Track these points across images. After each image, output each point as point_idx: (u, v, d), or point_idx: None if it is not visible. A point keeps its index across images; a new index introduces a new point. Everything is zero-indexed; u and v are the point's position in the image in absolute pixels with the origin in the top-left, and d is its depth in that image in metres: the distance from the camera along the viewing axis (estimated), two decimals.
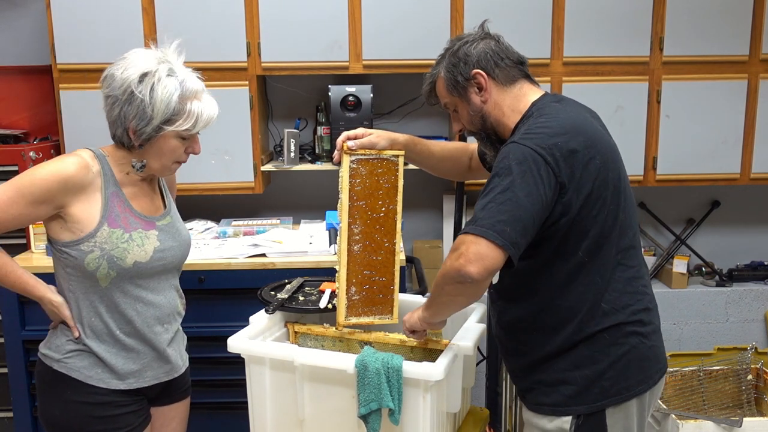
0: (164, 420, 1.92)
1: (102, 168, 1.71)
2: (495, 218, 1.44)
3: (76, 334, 1.72)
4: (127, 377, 1.77)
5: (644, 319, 1.61)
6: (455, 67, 1.69)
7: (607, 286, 1.58)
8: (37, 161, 2.97)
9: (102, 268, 1.68)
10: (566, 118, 1.58)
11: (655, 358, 1.64)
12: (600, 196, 1.55)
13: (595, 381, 1.57)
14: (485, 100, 1.68)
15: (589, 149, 1.53)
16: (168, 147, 1.72)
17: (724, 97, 3.12)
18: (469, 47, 1.69)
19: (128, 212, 1.73)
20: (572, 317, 1.58)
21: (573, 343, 1.58)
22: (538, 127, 1.55)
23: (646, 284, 1.66)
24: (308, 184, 3.47)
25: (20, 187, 1.62)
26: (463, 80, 1.68)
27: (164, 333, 1.82)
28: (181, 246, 1.85)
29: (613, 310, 1.57)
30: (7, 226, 1.64)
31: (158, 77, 1.66)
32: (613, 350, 1.57)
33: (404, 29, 3.00)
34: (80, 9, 2.92)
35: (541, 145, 1.50)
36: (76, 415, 1.73)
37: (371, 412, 1.67)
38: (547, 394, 1.61)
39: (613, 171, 1.59)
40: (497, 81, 1.68)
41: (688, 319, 3.42)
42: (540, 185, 1.47)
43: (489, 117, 1.69)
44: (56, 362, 1.73)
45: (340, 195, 1.85)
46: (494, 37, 1.72)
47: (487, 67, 1.67)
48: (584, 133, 1.55)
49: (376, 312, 1.95)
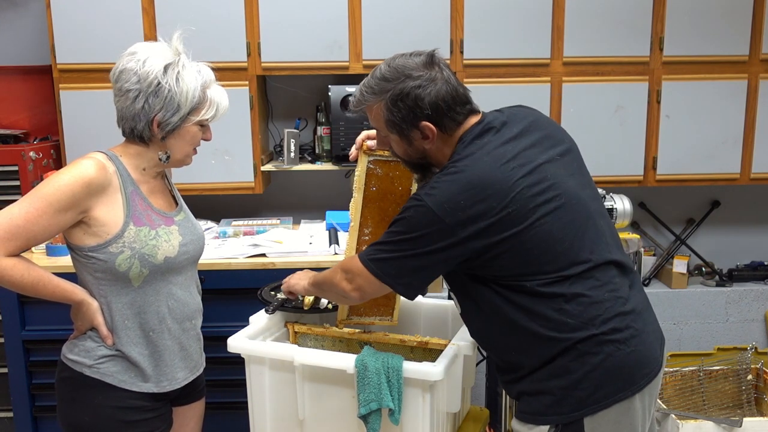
0: (183, 419, 1.92)
1: (117, 168, 1.70)
2: (390, 261, 1.57)
3: (110, 343, 1.71)
4: (160, 380, 1.76)
5: (618, 326, 1.55)
6: (399, 111, 1.58)
7: (567, 304, 1.53)
8: (37, 161, 2.97)
9: (134, 268, 1.67)
10: (479, 168, 1.51)
11: (638, 363, 1.57)
12: (525, 234, 1.51)
13: (571, 391, 1.54)
14: (429, 146, 1.62)
15: (500, 201, 1.49)
16: (190, 135, 1.74)
17: (724, 97, 3.12)
18: (420, 91, 1.56)
19: (149, 209, 1.73)
20: (541, 338, 1.55)
21: (550, 357, 1.56)
22: (444, 181, 1.52)
23: (614, 288, 1.57)
24: (308, 184, 3.47)
25: (46, 196, 1.59)
26: (407, 126, 1.60)
27: (192, 329, 1.83)
28: (199, 240, 1.86)
29: (582, 324, 1.53)
30: (38, 239, 1.61)
31: (182, 66, 1.68)
32: (587, 360, 1.53)
33: (404, 29, 3.00)
34: (80, 9, 2.92)
35: (443, 204, 1.49)
36: (107, 420, 1.72)
37: (371, 412, 1.67)
38: (528, 403, 1.61)
39: (547, 197, 1.53)
40: (444, 131, 1.60)
41: (688, 319, 3.42)
42: (439, 243, 1.51)
43: (429, 157, 1.65)
44: (88, 368, 1.71)
45: (354, 194, 1.84)
46: (444, 76, 1.58)
47: (437, 119, 1.58)
48: (493, 186, 1.49)
49: (377, 313, 1.96)
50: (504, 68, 3.03)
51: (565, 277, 1.53)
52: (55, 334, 2.61)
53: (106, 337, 1.71)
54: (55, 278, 1.67)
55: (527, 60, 3.03)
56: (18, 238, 1.58)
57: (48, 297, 1.67)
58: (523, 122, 1.63)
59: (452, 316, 2.10)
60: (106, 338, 1.71)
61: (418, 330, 2.12)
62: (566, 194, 1.56)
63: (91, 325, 1.71)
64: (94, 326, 1.71)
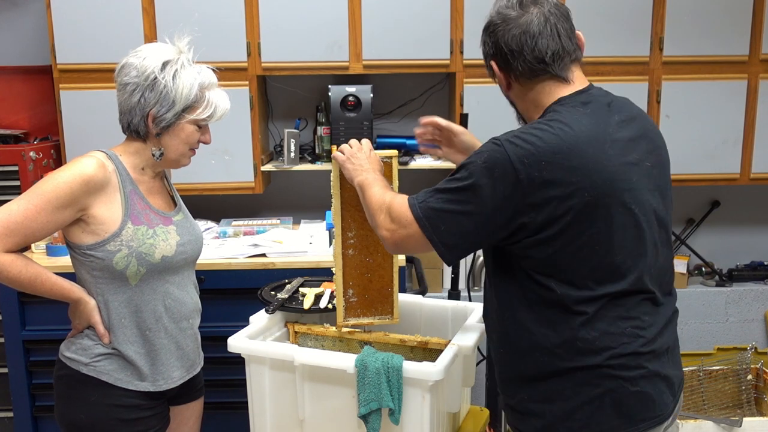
0: (182, 419, 1.93)
1: (116, 167, 1.71)
2: (445, 214, 1.42)
3: (106, 341, 1.72)
4: (156, 379, 1.77)
5: (629, 363, 1.42)
6: (482, 46, 1.56)
7: (584, 326, 1.41)
8: (37, 161, 2.97)
9: (132, 266, 1.68)
10: (575, 135, 1.38)
11: (641, 404, 1.43)
12: (575, 236, 1.38)
13: (563, 420, 1.44)
14: (508, 91, 1.57)
15: (581, 181, 1.36)
16: (185, 134, 1.74)
17: (724, 97, 3.12)
18: (493, 30, 1.50)
19: (148, 209, 1.74)
20: (544, 346, 1.44)
21: (545, 374, 1.45)
22: (531, 134, 1.38)
23: (640, 326, 1.44)
24: (308, 184, 3.47)
25: (44, 193, 1.60)
26: (486, 63, 1.57)
27: (189, 329, 1.84)
28: (197, 241, 1.87)
29: (589, 350, 1.41)
30: (37, 236, 1.62)
31: (180, 64, 1.70)
32: (585, 390, 1.42)
33: (404, 29, 3.00)
34: (80, 9, 2.92)
35: (522, 157, 1.35)
36: (103, 418, 1.72)
37: (371, 412, 1.67)
38: (519, 420, 1.53)
39: (623, 200, 1.40)
40: (513, 77, 1.52)
41: (688, 319, 3.42)
42: (502, 199, 1.36)
43: (515, 103, 1.59)
44: (84, 366, 1.72)
45: (332, 199, 1.85)
46: (522, 23, 1.47)
47: (502, 63, 1.51)
48: (582, 160, 1.37)
49: (376, 312, 1.96)
50: None
51: (595, 297, 1.41)
52: (55, 333, 2.61)
53: (103, 336, 1.72)
54: (52, 276, 1.68)
55: None
56: (16, 235, 1.59)
57: (45, 294, 1.68)
58: (627, 112, 1.53)
59: (452, 316, 2.10)
60: (102, 336, 1.72)
61: (418, 330, 2.12)
62: (640, 207, 1.43)
63: (89, 323, 1.72)
64: (91, 324, 1.72)
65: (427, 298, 2.17)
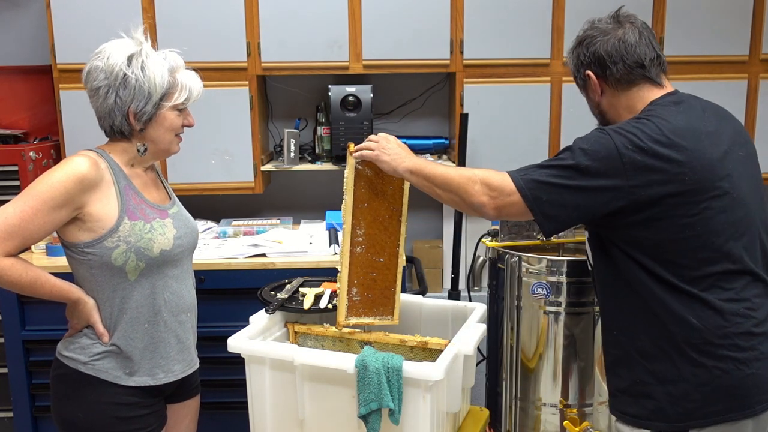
0: (178, 417, 1.93)
1: (109, 163, 1.71)
2: (548, 186, 1.52)
3: (105, 340, 1.72)
4: (156, 372, 1.77)
5: (741, 344, 1.49)
6: (573, 58, 1.71)
7: (692, 306, 1.50)
8: (37, 161, 2.97)
9: (131, 261, 1.68)
10: (672, 124, 1.52)
11: (756, 387, 1.50)
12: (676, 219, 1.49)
13: (679, 400, 1.51)
14: (601, 99, 1.69)
15: (682, 163, 1.48)
16: (168, 122, 1.74)
17: (724, 97, 3.07)
18: (589, 41, 1.67)
19: (143, 203, 1.74)
20: (655, 327, 1.53)
21: (658, 355, 1.53)
22: (633, 125, 1.52)
23: (751, 307, 1.52)
24: (308, 184, 3.47)
25: (39, 194, 1.60)
26: (578, 74, 1.71)
27: (188, 322, 1.84)
28: (193, 232, 1.88)
29: (705, 328, 1.49)
30: (35, 238, 1.62)
31: (145, 55, 1.69)
32: (701, 373, 1.49)
33: (404, 29, 3.00)
34: (80, 9, 2.92)
35: (626, 143, 1.48)
36: (101, 416, 1.72)
37: (371, 412, 1.67)
38: (629, 404, 1.59)
39: (723, 186, 1.50)
40: (609, 83, 1.65)
41: None
42: (605, 181, 1.48)
43: (606, 114, 1.70)
44: (83, 365, 1.72)
45: (345, 196, 1.84)
46: (619, 34, 1.65)
47: (599, 70, 1.65)
48: (681, 144, 1.49)
49: (377, 313, 1.96)
50: (504, 68, 3.02)
51: (701, 277, 1.50)
52: (55, 334, 2.59)
53: (102, 335, 1.72)
54: (52, 278, 1.68)
55: (527, 60, 3.03)
56: (15, 238, 1.59)
57: (45, 296, 1.68)
58: (717, 111, 1.66)
59: (452, 316, 2.10)
60: (102, 336, 1.72)
61: (418, 330, 2.11)
62: (737, 192, 1.53)
63: (87, 323, 1.72)
64: (90, 324, 1.72)
65: (427, 298, 2.17)
